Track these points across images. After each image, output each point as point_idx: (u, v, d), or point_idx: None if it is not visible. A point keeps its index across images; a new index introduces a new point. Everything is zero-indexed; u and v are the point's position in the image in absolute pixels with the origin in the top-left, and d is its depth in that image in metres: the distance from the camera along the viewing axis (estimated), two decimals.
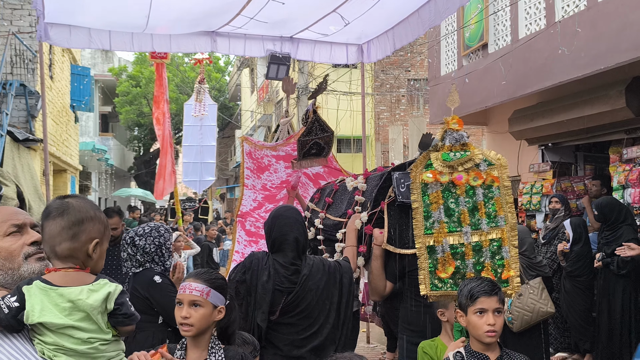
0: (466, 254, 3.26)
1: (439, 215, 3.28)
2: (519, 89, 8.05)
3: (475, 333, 2.70)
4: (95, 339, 1.75)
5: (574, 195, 8.57)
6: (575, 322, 7.00)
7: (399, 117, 20.52)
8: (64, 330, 1.70)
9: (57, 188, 16.00)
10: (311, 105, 6.01)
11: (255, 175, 6.48)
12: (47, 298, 1.72)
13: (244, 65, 28.46)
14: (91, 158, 23.95)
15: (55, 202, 1.86)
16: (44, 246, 1.83)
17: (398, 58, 20.22)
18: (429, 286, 3.27)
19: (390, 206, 3.76)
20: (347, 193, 4.41)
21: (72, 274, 1.80)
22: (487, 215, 3.27)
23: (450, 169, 3.29)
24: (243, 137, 6.49)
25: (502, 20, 8.67)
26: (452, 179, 3.29)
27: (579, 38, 6.74)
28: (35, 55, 12.43)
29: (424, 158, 3.39)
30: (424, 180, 3.30)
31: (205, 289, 2.47)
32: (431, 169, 3.32)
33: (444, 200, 3.29)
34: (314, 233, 4.65)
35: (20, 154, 11.20)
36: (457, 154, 3.31)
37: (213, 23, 6.33)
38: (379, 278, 3.71)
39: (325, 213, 4.57)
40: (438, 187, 3.29)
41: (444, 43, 10.30)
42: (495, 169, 3.30)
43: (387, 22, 6.34)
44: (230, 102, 35.50)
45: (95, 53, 33.33)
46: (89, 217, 1.84)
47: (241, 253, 6.64)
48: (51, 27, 5.92)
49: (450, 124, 3.36)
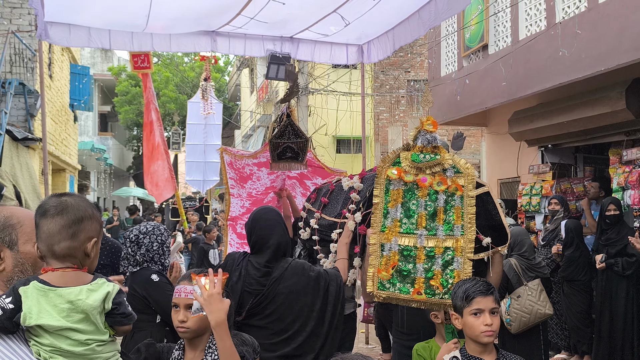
0: (418, 257, 3.20)
1: (395, 213, 3.25)
2: (519, 90, 8.05)
3: (472, 334, 2.68)
4: (93, 340, 1.73)
5: (574, 197, 8.57)
6: (574, 324, 7.00)
7: (398, 118, 20.51)
8: (61, 332, 1.68)
9: (55, 187, 15.97)
10: (285, 109, 5.97)
11: (239, 185, 6.45)
12: (45, 299, 1.69)
13: (243, 65, 28.45)
14: (90, 157, 23.94)
15: (52, 200, 1.81)
16: (40, 245, 1.78)
17: (398, 59, 20.22)
18: (377, 285, 3.21)
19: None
20: (342, 193, 4.38)
21: (70, 273, 1.77)
22: (445, 222, 3.22)
23: (417, 170, 3.26)
24: (222, 148, 6.42)
25: (502, 21, 8.67)
26: (416, 180, 3.26)
27: (580, 39, 6.74)
28: (35, 54, 12.42)
29: (393, 154, 3.37)
30: (389, 177, 3.28)
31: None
32: (398, 166, 3.30)
33: (405, 200, 3.26)
34: (309, 233, 4.61)
35: (19, 153, 11.18)
36: (426, 156, 3.27)
37: (213, 23, 6.32)
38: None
39: (321, 213, 4.53)
40: (400, 186, 3.27)
41: (444, 44, 10.29)
42: (461, 178, 3.25)
43: (387, 22, 6.33)
44: (230, 102, 35.49)
45: (95, 52, 33.30)
46: (87, 216, 1.81)
47: None
48: (51, 26, 5.90)
49: (425, 124, 3.31)
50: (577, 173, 9.18)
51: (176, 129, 17.38)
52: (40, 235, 1.77)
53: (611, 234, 6.58)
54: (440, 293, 3.13)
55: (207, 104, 10.59)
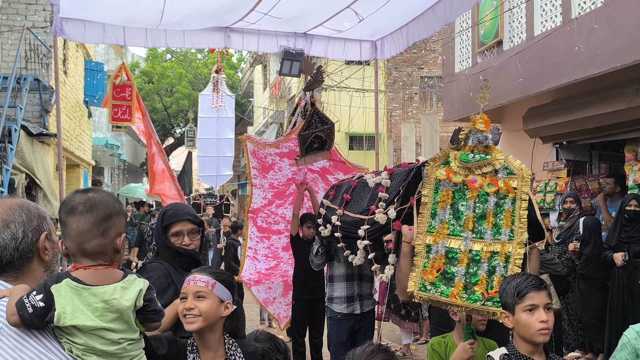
0: (461, 260, 3.07)
1: (444, 214, 3.13)
2: (533, 86, 7.99)
3: (527, 332, 2.50)
4: (125, 339, 1.70)
5: (588, 194, 8.50)
6: (589, 322, 6.95)
7: (411, 115, 20.44)
8: (95, 332, 1.65)
9: (70, 183, 16.09)
10: (308, 98, 5.94)
11: (261, 175, 6.44)
12: (79, 298, 1.66)
13: (256, 61, 28.47)
14: (104, 153, 24.06)
15: (78, 197, 1.77)
16: (68, 243, 1.74)
17: (411, 55, 20.14)
18: (419, 285, 3.10)
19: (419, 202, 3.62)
20: (367, 189, 4.29)
21: (102, 271, 1.73)
22: (493, 226, 3.08)
23: (466, 170, 3.12)
24: (245, 136, 6.39)
25: (517, 17, 8.61)
26: (465, 181, 3.12)
27: (596, 35, 6.67)
28: (50, 50, 12.50)
29: (444, 154, 3.23)
30: (437, 177, 3.17)
31: (210, 280, 2.38)
32: (447, 167, 3.17)
33: (454, 201, 3.14)
34: (330, 230, 4.58)
35: (34, 149, 11.27)
36: (477, 156, 3.12)
37: (227, 19, 6.32)
38: (408, 277, 3.49)
39: (344, 210, 4.46)
40: (450, 187, 3.14)
41: (459, 40, 10.24)
42: (515, 179, 3.09)
43: (401, 18, 6.30)
44: (243, 98, 35.54)
45: (109, 49, 33.42)
46: (116, 212, 1.78)
47: (254, 249, 6.62)
48: (66, 22, 5.94)
49: (476, 123, 3.14)
50: (592, 170, 9.10)
51: (191, 126, 17.36)
52: (69, 234, 1.73)
53: (632, 231, 6.51)
54: (484, 299, 2.99)
55: (218, 97, 10.39)
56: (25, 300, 1.60)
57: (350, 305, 5.33)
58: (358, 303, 5.35)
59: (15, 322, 1.60)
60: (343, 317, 5.34)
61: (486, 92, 3.28)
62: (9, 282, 1.73)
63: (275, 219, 6.66)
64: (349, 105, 16.82)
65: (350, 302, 5.33)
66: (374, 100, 7.80)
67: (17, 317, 1.59)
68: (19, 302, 1.60)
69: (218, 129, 10.49)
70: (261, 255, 6.68)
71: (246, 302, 12.82)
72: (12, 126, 10.00)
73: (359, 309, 5.35)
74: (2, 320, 1.62)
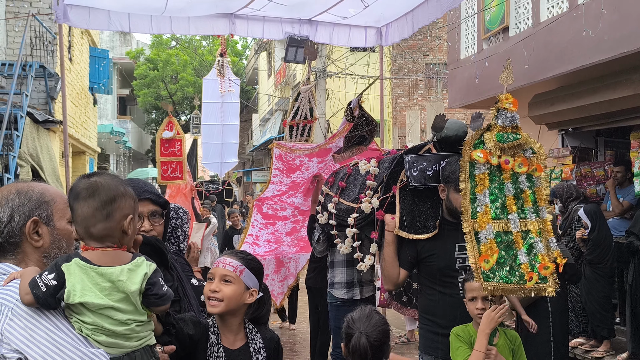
0: (516, 242, 2.99)
1: (484, 198, 3.02)
2: (539, 72, 7.95)
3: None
4: (132, 320, 1.73)
5: (594, 181, 8.48)
6: (594, 309, 6.95)
7: (416, 102, 20.39)
8: (103, 311, 1.68)
9: (75, 170, 16.14)
10: (356, 101, 5.85)
11: (283, 174, 6.42)
12: (87, 277, 1.69)
13: (261, 48, 28.40)
14: (109, 140, 24.14)
15: (82, 182, 1.79)
16: (77, 228, 1.78)
17: (416, 42, 20.06)
18: (482, 276, 2.96)
19: (402, 190, 3.62)
20: (359, 177, 4.28)
21: (110, 253, 1.76)
22: (532, 204, 3.04)
23: (501, 151, 3.03)
24: (275, 143, 6.36)
25: (523, 3, 8.55)
26: (500, 162, 3.03)
27: (603, 21, 6.63)
28: (55, 37, 12.49)
29: (476, 135, 3.11)
30: (475, 160, 3.03)
31: (239, 266, 2.38)
32: (481, 148, 3.05)
33: (491, 184, 3.05)
34: (326, 218, 4.58)
35: (39, 136, 11.30)
36: (509, 136, 3.03)
37: (232, 5, 6.31)
38: (392, 266, 3.55)
39: (339, 197, 4.44)
40: (485, 169, 3.04)
41: (464, 26, 10.18)
42: (538, 158, 3.08)
43: (406, 4, 6.27)
44: (248, 85, 35.50)
45: (114, 36, 33.43)
46: (119, 194, 1.79)
47: (255, 235, 6.63)
48: (70, 9, 5.93)
49: (504, 102, 3.07)
50: (597, 157, 9.07)
51: (197, 112, 17.29)
52: (76, 219, 1.77)
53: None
54: (534, 279, 2.97)
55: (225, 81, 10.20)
56: (38, 280, 1.64)
57: (350, 290, 5.39)
58: (358, 289, 5.41)
59: (29, 302, 1.64)
60: (342, 303, 5.39)
61: (510, 72, 3.21)
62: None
63: (282, 205, 6.67)
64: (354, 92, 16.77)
65: (350, 288, 5.40)
66: (379, 87, 7.78)
67: (31, 297, 1.63)
68: (32, 281, 1.64)
69: (223, 115, 10.26)
70: (263, 240, 6.69)
71: None
72: (17, 113, 10.02)
73: (359, 295, 5.40)
74: (13, 301, 1.65)
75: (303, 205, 6.60)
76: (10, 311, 1.63)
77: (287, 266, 6.82)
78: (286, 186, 6.50)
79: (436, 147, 3.67)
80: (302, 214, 6.57)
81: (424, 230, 3.48)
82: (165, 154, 7.77)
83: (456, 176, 3.22)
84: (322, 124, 15.68)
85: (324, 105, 16.18)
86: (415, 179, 3.53)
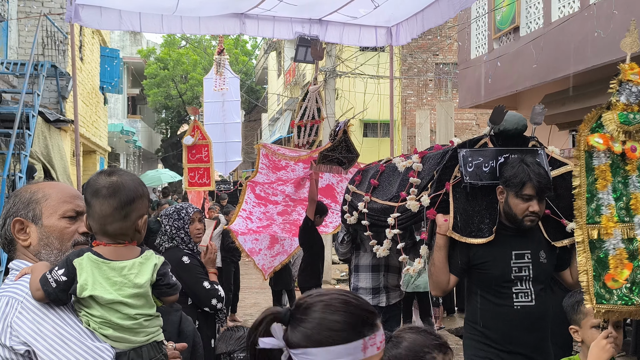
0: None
1: (607, 196, 2.43)
2: (550, 73, 7.92)
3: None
4: (141, 315, 1.76)
5: None
6: None
7: (426, 102, 20.34)
8: (112, 305, 1.71)
9: (86, 169, 16.23)
10: (342, 124, 5.72)
11: (269, 170, 6.48)
12: (99, 271, 1.72)
13: (271, 48, 28.42)
14: (119, 140, 24.22)
15: (102, 179, 1.80)
16: (92, 223, 1.80)
17: (426, 42, 20.01)
18: (594, 298, 2.40)
19: (456, 188, 3.25)
20: (396, 174, 3.93)
21: (121, 248, 1.80)
22: None
23: (625, 135, 2.43)
24: (261, 144, 6.43)
25: (534, 3, 8.52)
26: (624, 149, 2.43)
27: (615, 21, 6.59)
28: (66, 37, 12.56)
29: (593, 115, 2.54)
30: (592, 147, 2.47)
31: None
32: (601, 132, 2.48)
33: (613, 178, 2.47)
34: (356, 218, 4.30)
35: (50, 135, 11.37)
36: (636, 116, 2.43)
37: (242, 5, 6.32)
38: (442, 271, 3.19)
39: (371, 196, 4.11)
40: (607, 159, 2.46)
41: (475, 26, 10.15)
42: None
43: (417, 4, 6.26)
44: (257, 85, 35.54)
45: (124, 35, 33.55)
46: (138, 195, 1.82)
47: (248, 211, 6.67)
48: (82, 9, 5.97)
49: (628, 73, 2.47)
50: None
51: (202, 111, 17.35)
52: (93, 215, 1.79)
53: None
54: None
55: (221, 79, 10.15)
56: (49, 276, 1.68)
57: (376, 297, 5.03)
58: (384, 295, 5.06)
59: (40, 297, 1.67)
60: None
61: (635, 35, 2.66)
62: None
63: (274, 192, 6.73)
64: (363, 92, 16.76)
65: (376, 294, 5.04)
66: (389, 87, 7.77)
67: (42, 292, 1.66)
68: (43, 278, 1.68)
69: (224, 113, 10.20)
70: (255, 217, 6.73)
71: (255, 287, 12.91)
72: (29, 112, 10.08)
73: (385, 301, 5.06)
74: (23, 295, 1.69)
75: (294, 195, 6.67)
76: (20, 304, 1.67)
77: (282, 243, 6.86)
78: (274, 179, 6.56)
79: (493, 141, 3.36)
80: (294, 202, 6.63)
81: (478, 234, 3.14)
82: (192, 160, 7.71)
83: (517, 180, 2.99)
84: (332, 123, 15.68)
85: (334, 105, 16.18)
86: (470, 176, 3.20)
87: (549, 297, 3.17)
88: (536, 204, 3.00)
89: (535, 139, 3.43)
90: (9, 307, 1.66)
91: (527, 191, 2.98)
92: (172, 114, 36.00)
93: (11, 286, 1.73)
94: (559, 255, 3.20)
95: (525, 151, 3.28)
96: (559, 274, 3.26)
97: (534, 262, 3.10)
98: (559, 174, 3.18)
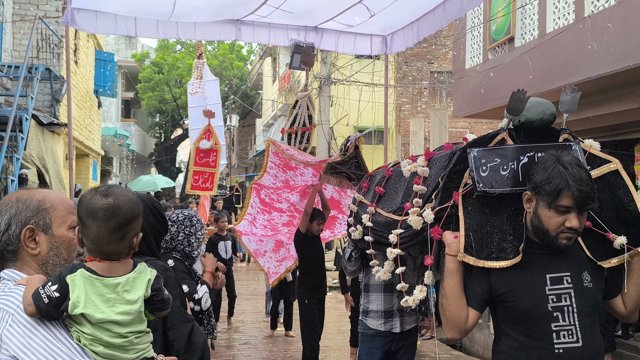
0: None
1: None
2: (545, 84, 7.95)
3: None
4: (132, 333, 1.74)
5: None
6: None
7: (420, 110, 20.41)
8: (103, 325, 1.69)
9: (79, 172, 16.17)
10: (353, 138, 5.54)
11: (279, 169, 6.42)
12: (92, 288, 1.70)
13: (266, 54, 28.46)
14: (113, 143, 24.15)
15: (98, 200, 1.77)
16: (87, 242, 1.78)
17: (421, 50, 20.09)
18: None
19: (467, 199, 2.57)
20: (403, 180, 3.22)
21: (116, 264, 1.78)
22: None
23: None
24: (270, 140, 6.38)
25: (529, 14, 8.56)
26: None
27: (609, 34, 6.63)
28: (61, 40, 12.55)
29: None
30: None
31: None
32: None
33: None
34: (361, 232, 3.51)
35: (44, 138, 11.33)
36: None
37: (238, 11, 6.32)
38: (457, 304, 2.45)
39: (376, 207, 3.36)
40: None
41: (470, 36, 10.19)
42: None
43: (412, 13, 6.28)
44: (252, 90, 35.57)
45: (119, 39, 33.53)
46: (135, 216, 1.80)
47: (253, 216, 6.65)
48: (77, 12, 5.95)
49: None
50: None
51: None
52: (88, 235, 1.76)
53: None
54: None
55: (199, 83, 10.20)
56: (41, 291, 1.65)
57: (389, 321, 4.40)
58: (398, 319, 4.40)
59: (32, 312, 1.65)
60: (377, 334, 4.41)
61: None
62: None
63: (279, 198, 6.69)
64: (358, 99, 16.80)
65: (389, 318, 4.40)
66: (384, 95, 7.78)
67: (34, 308, 1.64)
68: (35, 293, 1.65)
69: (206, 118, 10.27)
70: (259, 224, 6.70)
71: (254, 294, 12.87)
72: (23, 115, 10.05)
73: (399, 327, 4.41)
74: (14, 308, 1.67)
75: (299, 204, 6.63)
76: (11, 317, 1.65)
77: (287, 247, 6.81)
78: (281, 182, 6.52)
79: (512, 136, 2.71)
80: (299, 212, 6.60)
81: (500, 255, 2.44)
82: (199, 163, 7.75)
83: (552, 187, 2.31)
84: (326, 130, 15.70)
85: (328, 112, 16.20)
86: (485, 182, 2.52)
87: (599, 334, 2.46)
88: (575, 217, 2.31)
89: (567, 131, 2.80)
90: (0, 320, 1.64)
91: (564, 202, 2.31)
92: (166, 118, 35.97)
93: (3, 297, 1.70)
94: (606, 278, 2.49)
95: (555, 147, 2.60)
96: (606, 302, 2.54)
97: (577, 288, 2.39)
98: (600, 174, 2.54)
